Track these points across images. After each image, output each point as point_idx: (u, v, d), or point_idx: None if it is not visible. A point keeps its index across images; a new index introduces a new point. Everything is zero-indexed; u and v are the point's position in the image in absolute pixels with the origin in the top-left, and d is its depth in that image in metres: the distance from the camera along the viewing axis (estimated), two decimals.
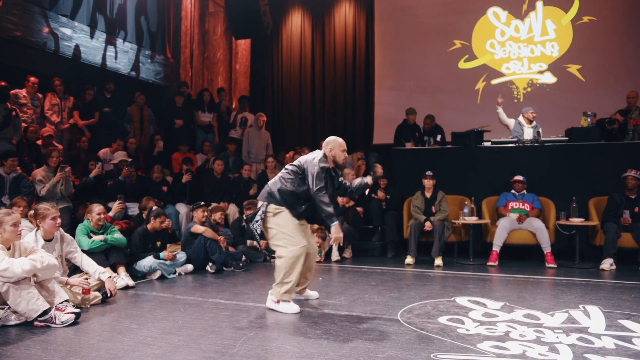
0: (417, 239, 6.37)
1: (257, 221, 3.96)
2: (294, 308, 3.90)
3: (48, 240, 4.11)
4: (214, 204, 6.56)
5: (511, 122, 7.33)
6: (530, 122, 7.21)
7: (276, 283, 3.94)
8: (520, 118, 7.28)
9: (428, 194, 6.56)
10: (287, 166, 4.12)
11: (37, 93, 6.95)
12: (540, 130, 7.15)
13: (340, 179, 4.22)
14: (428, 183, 6.52)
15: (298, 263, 3.89)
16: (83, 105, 7.55)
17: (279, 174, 4.09)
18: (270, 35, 10.92)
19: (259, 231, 3.96)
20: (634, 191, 6.08)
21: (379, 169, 4.62)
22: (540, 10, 9.50)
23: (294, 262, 3.87)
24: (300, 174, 3.96)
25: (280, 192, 3.96)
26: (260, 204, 4.06)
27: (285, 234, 3.91)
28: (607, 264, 5.79)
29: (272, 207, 3.97)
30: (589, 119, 6.87)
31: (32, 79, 6.82)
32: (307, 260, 4.03)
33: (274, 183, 4.05)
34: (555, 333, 3.36)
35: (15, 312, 3.53)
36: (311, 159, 3.96)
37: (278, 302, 3.94)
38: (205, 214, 5.96)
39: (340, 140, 4.10)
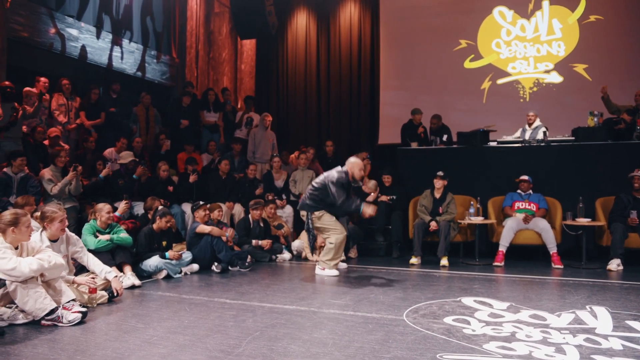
0: (421, 239, 6.35)
1: (310, 229, 5.53)
2: (336, 272, 5.48)
3: (54, 240, 4.13)
4: (209, 205, 6.56)
5: (518, 132, 7.33)
6: (529, 124, 7.19)
7: (328, 258, 5.44)
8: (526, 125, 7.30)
9: (437, 194, 6.51)
10: (312, 183, 5.55)
11: (44, 94, 6.97)
12: (545, 130, 7.12)
13: (360, 183, 5.79)
14: (438, 183, 6.47)
15: (342, 244, 5.52)
16: (89, 105, 7.59)
17: (307, 191, 5.54)
18: (275, 36, 10.94)
19: (313, 237, 5.62)
20: None
21: (371, 184, 6.93)
22: (546, 10, 9.46)
23: (340, 244, 5.46)
24: (323, 189, 5.35)
25: (315, 202, 5.42)
26: (303, 213, 5.67)
27: (331, 227, 5.45)
28: (614, 264, 5.75)
29: (316, 213, 5.44)
30: (595, 119, 6.84)
31: (43, 80, 6.85)
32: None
33: (306, 198, 5.52)
34: (561, 334, 3.34)
35: (22, 311, 3.55)
36: (330, 178, 5.33)
37: (324, 269, 5.47)
38: (207, 212, 5.97)
39: (359, 161, 5.56)
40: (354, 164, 5.46)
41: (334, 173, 5.35)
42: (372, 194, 6.91)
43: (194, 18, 10.35)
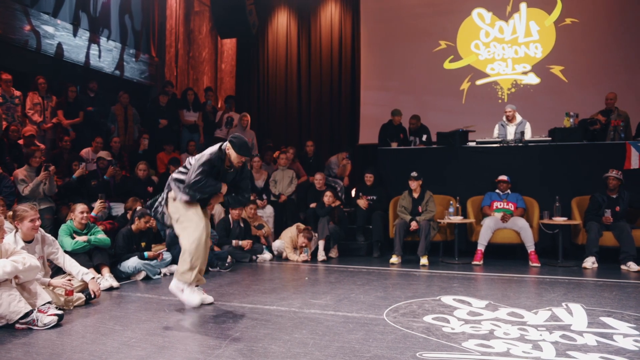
0: (402, 239, 6.40)
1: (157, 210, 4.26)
2: (197, 300, 4.02)
3: (28, 241, 4.05)
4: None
5: (495, 129, 7.40)
6: (510, 120, 7.27)
7: (183, 270, 4.02)
8: (504, 117, 7.35)
9: (415, 194, 6.59)
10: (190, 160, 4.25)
11: (14, 90, 6.79)
12: (528, 127, 7.20)
13: (233, 170, 4.17)
14: (413, 184, 6.56)
15: (201, 249, 4.03)
16: (67, 104, 7.45)
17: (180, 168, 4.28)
18: (256, 35, 10.90)
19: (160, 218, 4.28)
20: (615, 191, 6.17)
21: (362, 202, 6.85)
22: (524, 12, 9.61)
23: (197, 248, 4.00)
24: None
25: (179, 181, 4.14)
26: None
27: (185, 218, 4.05)
28: (589, 262, 5.87)
29: (171, 194, 4.16)
30: (571, 120, 6.97)
31: (5, 75, 6.67)
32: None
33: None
34: (538, 331, 3.40)
35: None
36: (203, 154, 4.06)
37: (182, 290, 4.05)
38: None
39: (243, 144, 4.06)
40: (232, 146, 3.98)
41: (209, 150, 4.05)
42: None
43: (174, 17, 10.24)
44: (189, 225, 3.97)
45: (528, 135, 7.13)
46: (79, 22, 7.99)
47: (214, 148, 4.04)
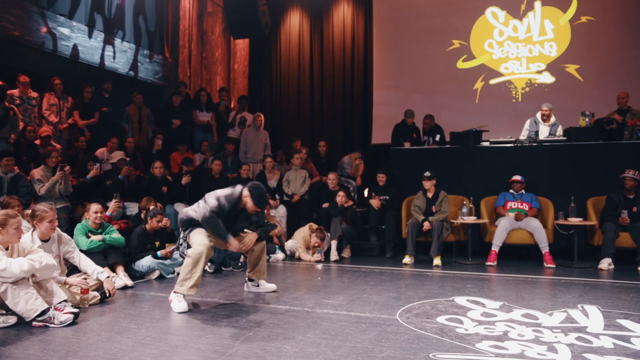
0: (415, 239, 6.37)
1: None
2: (184, 306, 4.01)
3: (45, 240, 4.10)
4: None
5: (527, 123, 7.32)
6: (545, 119, 7.19)
7: (182, 278, 4.08)
8: (538, 115, 7.28)
9: (430, 194, 6.56)
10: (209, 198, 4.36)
11: (31, 92, 6.90)
12: (560, 129, 7.12)
13: (255, 217, 4.44)
14: (427, 184, 6.52)
15: (200, 260, 4.07)
16: (83, 105, 7.54)
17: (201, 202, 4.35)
18: (268, 35, 10.92)
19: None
20: (632, 191, 6.09)
21: (375, 202, 6.84)
22: (538, 10, 9.51)
23: (198, 259, 4.06)
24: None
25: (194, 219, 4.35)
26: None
27: (194, 239, 4.19)
28: (606, 263, 5.79)
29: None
30: (587, 119, 6.89)
31: (23, 78, 6.77)
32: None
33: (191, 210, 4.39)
34: (553, 332, 3.36)
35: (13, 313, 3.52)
36: (220, 192, 4.27)
37: (176, 293, 4.12)
38: None
39: (260, 192, 4.26)
40: (251, 196, 4.18)
41: (225, 192, 4.24)
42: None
43: (187, 17, 10.31)
44: (197, 238, 4.13)
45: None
46: (94, 23, 8.08)
47: (230, 194, 4.19)
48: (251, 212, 4.28)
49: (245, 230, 4.45)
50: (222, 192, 4.22)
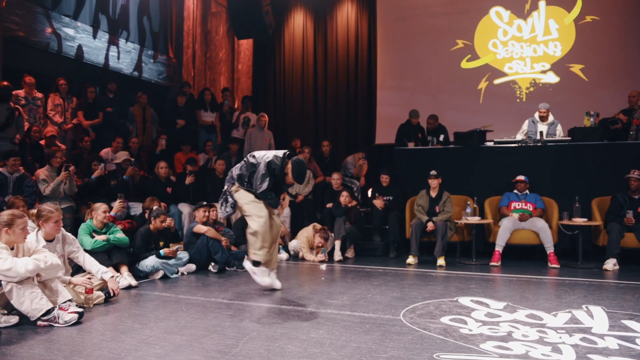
0: (419, 239, 6.36)
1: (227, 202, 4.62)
2: (267, 279, 4.56)
3: (49, 240, 4.12)
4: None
5: (525, 124, 7.31)
6: (543, 120, 7.17)
7: (256, 248, 4.42)
8: (536, 115, 7.26)
9: (433, 194, 6.55)
10: (249, 157, 4.61)
11: (36, 92, 6.93)
12: (559, 128, 7.09)
13: (289, 188, 4.94)
14: (434, 183, 6.52)
15: (266, 232, 4.39)
16: (87, 105, 7.57)
17: (241, 163, 4.64)
18: (272, 35, 10.93)
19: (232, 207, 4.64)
20: (637, 192, 6.06)
21: (379, 202, 6.88)
22: (542, 10, 9.48)
23: (264, 232, 4.38)
24: (256, 167, 4.49)
25: (241, 178, 4.57)
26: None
27: (248, 209, 4.47)
28: (611, 264, 5.77)
29: (234, 187, 4.57)
30: (592, 119, 6.86)
31: (28, 79, 6.81)
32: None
33: (236, 169, 4.63)
34: (558, 333, 3.35)
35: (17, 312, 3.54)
36: (266, 157, 4.43)
37: (253, 261, 4.53)
38: (207, 214, 5.96)
39: (300, 166, 4.49)
40: (292, 169, 4.40)
41: (270, 154, 4.41)
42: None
43: (191, 18, 10.33)
44: (254, 210, 4.36)
45: (559, 136, 7.02)
46: (98, 24, 8.11)
47: (280, 155, 4.39)
48: (288, 183, 4.52)
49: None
50: (272, 153, 4.42)
